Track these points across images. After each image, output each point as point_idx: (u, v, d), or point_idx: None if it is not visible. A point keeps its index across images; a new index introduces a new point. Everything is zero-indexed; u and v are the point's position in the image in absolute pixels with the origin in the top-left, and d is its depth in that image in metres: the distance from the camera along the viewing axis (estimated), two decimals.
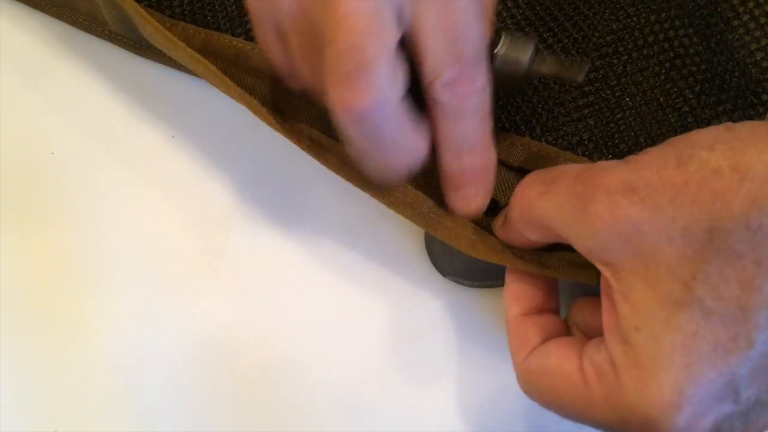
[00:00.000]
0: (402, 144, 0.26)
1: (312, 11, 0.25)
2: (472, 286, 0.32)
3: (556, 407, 0.24)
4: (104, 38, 0.38)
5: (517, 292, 0.28)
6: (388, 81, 0.24)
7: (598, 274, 0.24)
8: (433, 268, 0.33)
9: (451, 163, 0.28)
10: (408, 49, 0.25)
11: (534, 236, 0.26)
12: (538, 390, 0.25)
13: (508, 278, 0.28)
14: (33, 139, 0.36)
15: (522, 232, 0.27)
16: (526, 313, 0.27)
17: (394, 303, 0.33)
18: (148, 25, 0.31)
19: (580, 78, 0.27)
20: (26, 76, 0.38)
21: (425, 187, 0.30)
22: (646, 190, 0.21)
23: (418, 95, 0.26)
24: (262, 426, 0.31)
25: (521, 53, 0.27)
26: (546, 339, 0.26)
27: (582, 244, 0.23)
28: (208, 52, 0.34)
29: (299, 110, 0.32)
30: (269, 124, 0.30)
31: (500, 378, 0.31)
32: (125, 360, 0.32)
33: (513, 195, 0.26)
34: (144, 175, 0.35)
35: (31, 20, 0.39)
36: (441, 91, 0.26)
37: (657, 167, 0.22)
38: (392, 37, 0.24)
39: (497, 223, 0.29)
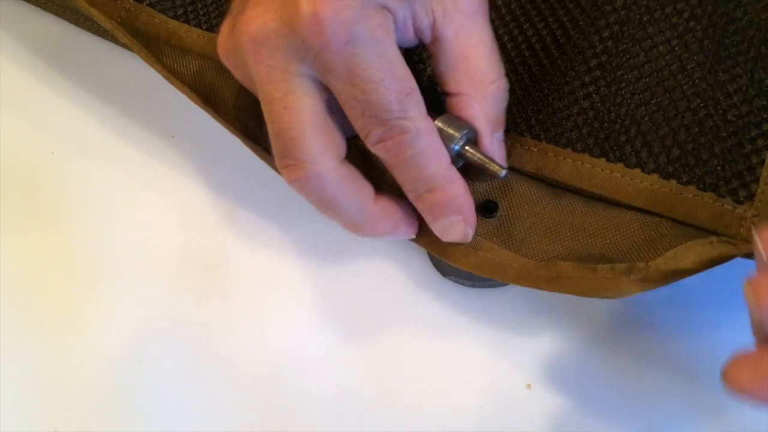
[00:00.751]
0: (351, 201, 0.28)
1: (250, 85, 0.28)
2: (472, 286, 0.32)
3: None
4: (105, 38, 0.38)
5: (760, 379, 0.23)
6: (317, 153, 0.27)
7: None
8: (434, 268, 0.33)
9: (417, 203, 0.28)
10: None
11: None
12: None
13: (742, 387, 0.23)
14: (33, 139, 0.36)
15: None
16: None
17: (394, 303, 0.33)
18: (142, 54, 0.31)
19: (503, 173, 0.28)
20: (26, 76, 0.38)
21: None
22: None
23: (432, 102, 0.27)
24: (262, 426, 0.31)
25: (454, 134, 0.28)
26: None
27: None
28: (211, 61, 0.34)
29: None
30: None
31: (500, 378, 0.31)
32: (125, 360, 0.32)
33: None
34: (144, 175, 0.36)
35: (32, 19, 0.39)
36: (376, 149, 0.27)
37: None
38: (311, 112, 0.26)
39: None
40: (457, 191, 0.28)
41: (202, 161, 0.36)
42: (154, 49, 0.33)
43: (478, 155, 0.29)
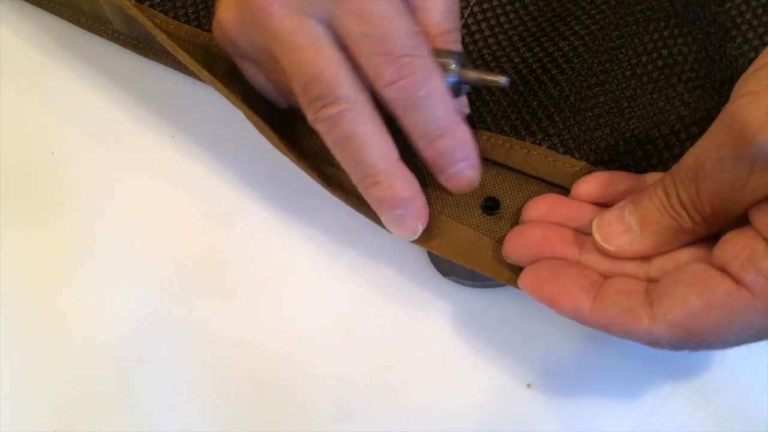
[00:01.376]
0: (378, 147, 0.27)
1: (264, 45, 0.28)
2: (472, 286, 0.32)
3: (723, 342, 0.23)
4: (106, 37, 0.38)
5: (569, 290, 0.26)
6: (355, 90, 0.27)
7: None
8: (434, 268, 0.33)
9: (426, 150, 0.28)
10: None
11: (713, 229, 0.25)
12: (694, 337, 0.23)
13: (544, 294, 0.26)
14: (33, 139, 0.36)
15: (699, 235, 0.25)
16: (595, 293, 0.25)
17: (394, 303, 0.33)
18: (157, 35, 0.31)
19: (503, 80, 0.28)
20: (27, 76, 0.38)
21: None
22: None
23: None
24: (262, 426, 0.31)
25: (447, 60, 0.29)
26: (643, 290, 0.24)
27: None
28: (210, 55, 0.34)
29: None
30: (263, 133, 0.30)
31: (500, 378, 0.31)
32: (125, 360, 0.32)
33: (663, 202, 0.25)
34: (144, 174, 0.36)
35: (33, 18, 0.39)
36: (387, 91, 0.27)
37: None
38: (335, 53, 0.27)
39: (622, 238, 0.26)
40: (467, 136, 0.28)
41: (202, 161, 0.36)
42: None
43: (476, 73, 0.29)
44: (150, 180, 0.35)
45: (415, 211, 0.29)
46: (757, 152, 0.21)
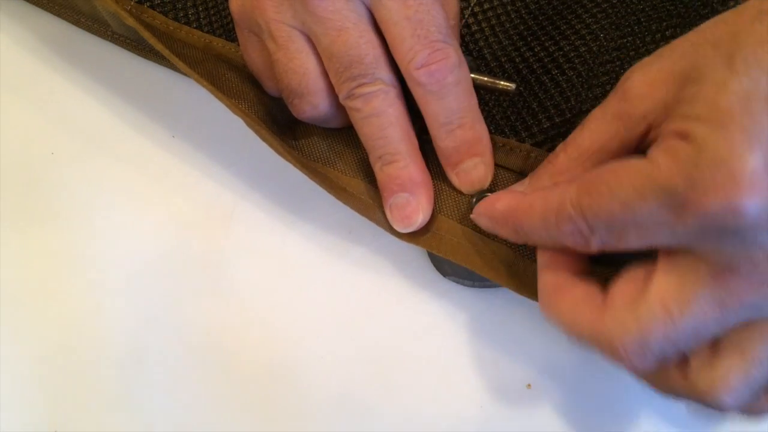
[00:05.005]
0: (402, 129, 0.29)
1: (293, 22, 0.28)
2: (472, 286, 0.32)
3: (609, 196, 0.23)
4: (106, 39, 0.38)
5: (506, 192, 0.28)
6: (389, 73, 0.28)
7: None
8: (434, 268, 0.33)
9: (445, 140, 0.29)
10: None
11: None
12: (593, 189, 0.23)
13: (485, 205, 0.28)
14: (33, 139, 0.36)
15: (575, 175, 0.26)
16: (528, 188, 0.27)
17: (394, 303, 0.33)
18: (151, 39, 0.31)
19: (513, 87, 0.30)
20: (27, 76, 0.38)
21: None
22: (668, 51, 0.24)
23: None
24: (262, 425, 0.31)
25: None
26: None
27: (637, 114, 0.24)
28: (211, 56, 0.34)
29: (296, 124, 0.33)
30: (264, 139, 0.30)
31: (500, 378, 0.31)
32: (125, 360, 0.32)
33: (550, 157, 0.27)
34: (144, 175, 0.36)
35: (33, 19, 0.39)
36: (419, 74, 0.28)
37: (669, 47, 0.24)
38: (376, 36, 0.28)
39: (517, 188, 0.28)
40: (485, 131, 0.30)
41: (202, 161, 0.36)
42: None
43: (486, 78, 0.30)
44: (150, 180, 0.35)
45: (421, 200, 0.29)
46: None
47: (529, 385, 0.31)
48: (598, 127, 0.25)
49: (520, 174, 0.31)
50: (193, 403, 0.31)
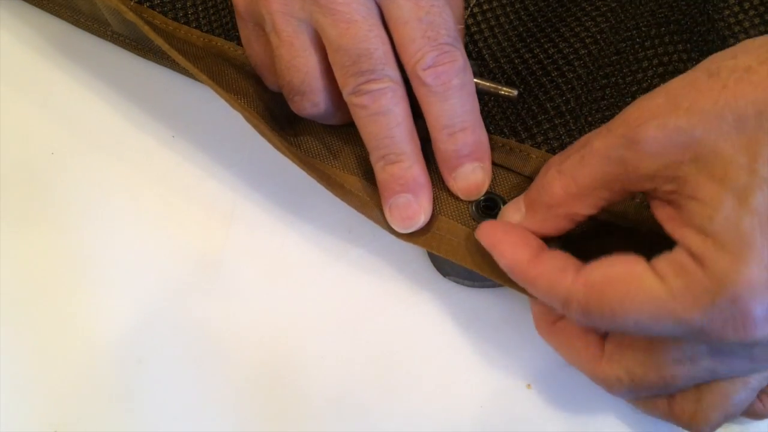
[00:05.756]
0: (406, 127, 0.29)
1: (300, 15, 0.28)
2: (472, 286, 0.32)
3: (623, 316, 0.23)
4: (105, 38, 0.38)
5: (513, 242, 0.27)
6: (395, 70, 0.28)
7: None
8: (434, 269, 0.33)
9: (446, 142, 0.29)
10: None
11: (584, 209, 0.26)
12: (603, 301, 0.23)
13: (492, 239, 0.27)
14: (33, 139, 0.36)
15: (568, 212, 0.26)
16: (536, 252, 0.26)
17: (394, 303, 0.33)
18: (151, 34, 0.31)
19: (515, 93, 0.30)
20: (27, 76, 0.38)
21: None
22: (688, 102, 0.22)
23: None
24: (262, 425, 0.31)
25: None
26: (580, 265, 0.25)
27: (643, 173, 0.23)
28: (210, 53, 0.34)
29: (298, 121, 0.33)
30: (263, 134, 0.30)
31: (500, 378, 0.31)
32: (125, 360, 0.32)
33: (545, 182, 0.26)
34: (144, 175, 0.35)
35: (33, 19, 0.39)
36: (425, 74, 0.28)
37: (690, 85, 0.23)
38: (384, 32, 0.28)
39: (514, 218, 0.28)
40: (485, 136, 0.30)
41: (201, 161, 0.36)
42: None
43: (489, 83, 0.30)
44: (150, 180, 0.35)
45: (422, 202, 0.29)
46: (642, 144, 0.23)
47: (529, 385, 0.31)
48: (601, 168, 0.24)
49: (520, 174, 0.31)
50: (192, 402, 0.31)
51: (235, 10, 0.31)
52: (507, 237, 0.27)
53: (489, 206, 0.30)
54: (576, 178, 0.25)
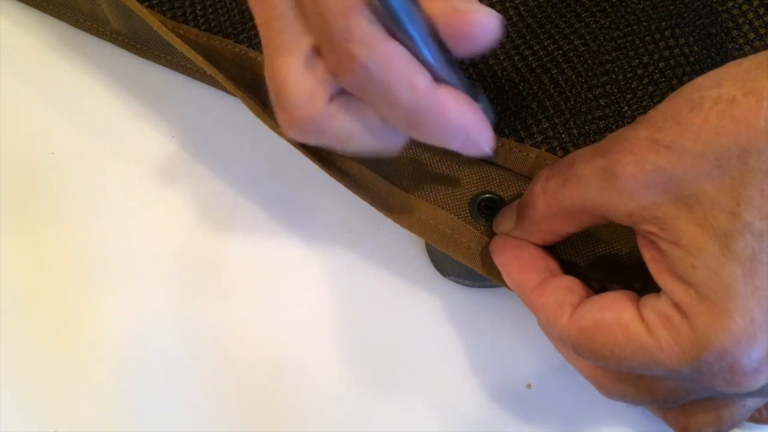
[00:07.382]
0: (402, 82, 0.22)
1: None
2: (472, 286, 0.32)
3: (614, 361, 0.23)
4: (105, 38, 0.38)
5: (521, 265, 0.27)
6: (369, 33, 0.21)
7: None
8: (434, 268, 0.33)
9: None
10: None
11: (566, 228, 0.25)
12: (594, 346, 0.23)
13: (502, 258, 0.27)
14: (33, 139, 0.36)
15: (551, 229, 0.26)
16: (543, 278, 0.26)
17: (394, 303, 0.33)
18: (158, 29, 0.31)
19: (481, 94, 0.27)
20: (26, 76, 0.38)
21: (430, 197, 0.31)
22: (668, 139, 0.21)
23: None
24: (262, 426, 0.31)
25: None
26: (582, 298, 0.25)
27: (621, 210, 0.23)
28: (210, 56, 0.34)
29: None
30: (271, 127, 0.30)
31: (500, 378, 0.31)
32: (125, 360, 0.32)
33: (531, 196, 0.26)
34: (144, 175, 0.36)
35: (32, 20, 0.39)
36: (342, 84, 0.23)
37: (671, 117, 0.21)
38: (300, 54, 0.23)
39: (506, 227, 0.28)
40: (458, 98, 0.25)
41: (202, 161, 0.36)
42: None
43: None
44: (150, 180, 0.35)
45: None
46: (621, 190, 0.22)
47: (529, 385, 0.31)
48: (581, 195, 0.24)
49: (519, 174, 0.31)
50: (193, 402, 0.31)
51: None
52: (516, 260, 0.27)
53: (488, 206, 0.30)
54: (559, 199, 0.25)
